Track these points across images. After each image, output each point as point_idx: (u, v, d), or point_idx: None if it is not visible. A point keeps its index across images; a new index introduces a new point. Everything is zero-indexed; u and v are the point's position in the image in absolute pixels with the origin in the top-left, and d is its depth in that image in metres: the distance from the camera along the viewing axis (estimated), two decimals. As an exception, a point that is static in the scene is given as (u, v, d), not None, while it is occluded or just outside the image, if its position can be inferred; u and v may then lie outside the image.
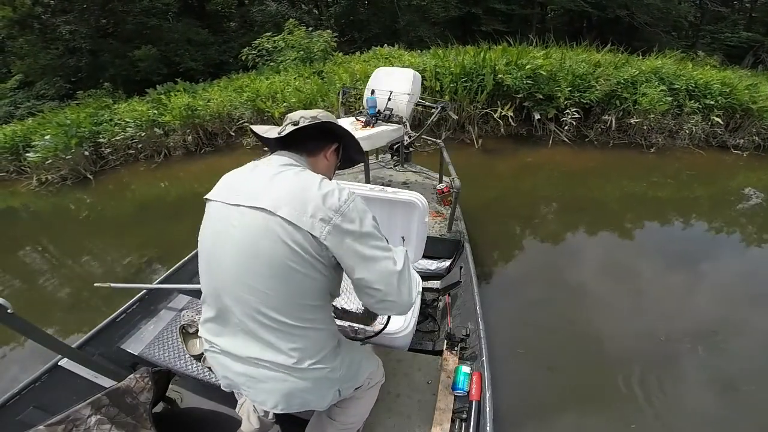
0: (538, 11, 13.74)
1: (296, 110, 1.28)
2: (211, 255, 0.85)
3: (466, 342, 1.45)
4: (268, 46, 7.22)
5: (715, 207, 3.83)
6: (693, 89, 4.85)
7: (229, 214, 0.82)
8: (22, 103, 9.33)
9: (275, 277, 0.77)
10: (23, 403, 1.23)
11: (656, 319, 2.28)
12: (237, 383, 0.88)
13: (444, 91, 4.62)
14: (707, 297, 2.54)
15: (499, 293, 2.51)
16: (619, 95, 4.64)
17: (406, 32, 10.89)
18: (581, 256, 3.00)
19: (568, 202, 3.75)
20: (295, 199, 0.77)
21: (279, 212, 0.75)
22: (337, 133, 0.98)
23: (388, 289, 0.79)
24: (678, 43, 11.61)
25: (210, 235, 0.86)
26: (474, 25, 11.89)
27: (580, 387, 1.87)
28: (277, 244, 0.76)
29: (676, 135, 4.87)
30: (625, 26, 12.55)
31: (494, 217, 3.42)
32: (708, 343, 2.12)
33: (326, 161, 0.98)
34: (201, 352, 1.47)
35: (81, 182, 5.25)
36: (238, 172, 0.90)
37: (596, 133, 4.85)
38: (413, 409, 1.23)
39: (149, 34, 8.27)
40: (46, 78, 8.27)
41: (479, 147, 4.66)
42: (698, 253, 3.04)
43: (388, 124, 2.45)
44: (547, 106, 4.70)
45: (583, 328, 2.21)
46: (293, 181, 0.81)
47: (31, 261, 3.59)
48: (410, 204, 1.54)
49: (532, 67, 4.60)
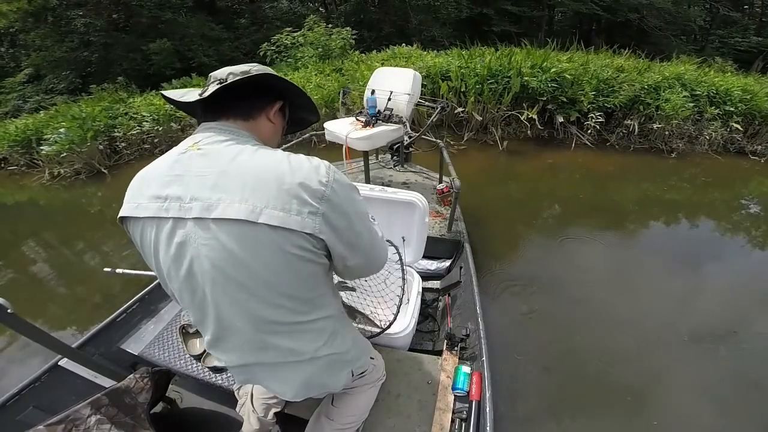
0: (548, 13, 13.74)
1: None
2: (187, 291, 0.69)
3: (466, 342, 1.44)
4: (286, 42, 7.19)
5: (730, 211, 3.84)
6: (714, 95, 4.88)
7: (186, 233, 0.63)
8: (31, 97, 9.27)
9: (279, 289, 0.67)
10: (23, 403, 1.23)
11: (665, 319, 2.27)
12: (253, 379, 0.84)
13: (469, 92, 4.62)
14: (722, 298, 2.52)
15: (499, 293, 2.49)
16: (642, 100, 4.66)
17: (419, 32, 10.87)
18: (596, 257, 2.97)
19: (591, 204, 3.77)
20: (270, 194, 0.61)
21: (260, 219, 0.61)
22: (279, 88, 0.79)
23: (372, 264, 0.79)
24: (687, 47, 11.65)
25: (172, 268, 0.67)
26: (485, 27, 11.88)
27: (581, 387, 1.87)
28: (275, 257, 0.64)
29: (696, 140, 4.89)
30: (634, 29, 12.59)
31: (521, 217, 3.45)
32: (729, 342, 2.12)
33: (271, 124, 0.79)
34: (201, 352, 1.48)
35: (95, 176, 5.23)
36: (160, 169, 0.67)
37: (617, 138, 4.86)
38: (413, 409, 1.22)
39: (163, 28, 8.24)
40: (59, 71, 8.22)
41: (503, 149, 4.67)
42: (708, 254, 3.04)
43: (388, 124, 2.45)
44: (570, 109, 4.71)
45: (589, 328, 2.19)
46: (255, 169, 0.63)
47: (52, 257, 3.56)
48: (410, 204, 1.54)
49: (557, 71, 4.60)
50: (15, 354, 2.25)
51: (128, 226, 0.70)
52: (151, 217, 0.65)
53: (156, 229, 0.65)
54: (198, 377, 1.41)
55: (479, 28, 11.85)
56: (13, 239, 3.96)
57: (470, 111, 4.66)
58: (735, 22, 12.50)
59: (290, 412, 1.17)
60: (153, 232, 0.66)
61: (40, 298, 2.87)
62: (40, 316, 2.64)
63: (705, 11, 12.95)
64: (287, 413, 1.16)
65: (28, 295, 2.96)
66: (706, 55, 9.00)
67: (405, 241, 1.61)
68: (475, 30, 11.80)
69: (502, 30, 11.22)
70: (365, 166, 2.52)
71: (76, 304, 2.77)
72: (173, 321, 1.63)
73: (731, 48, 11.48)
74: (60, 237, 3.94)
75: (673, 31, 12.47)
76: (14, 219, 4.57)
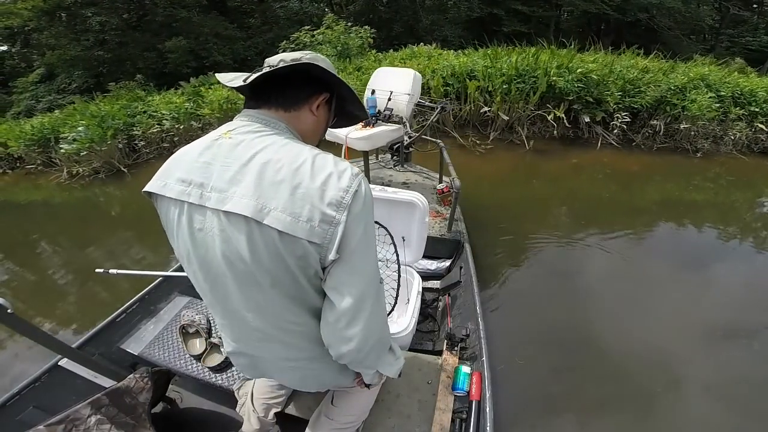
0: (557, 13, 13.75)
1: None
2: (201, 274, 0.68)
3: (466, 342, 1.44)
4: (305, 40, 7.18)
5: (750, 210, 3.85)
6: (738, 96, 4.89)
7: (204, 221, 0.63)
8: (43, 97, 9.29)
9: (283, 289, 0.65)
10: (23, 403, 1.23)
11: (673, 322, 2.24)
12: (257, 370, 0.84)
13: (495, 91, 4.63)
14: (730, 298, 2.48)
15: (500, 293, 2.48)
16: (668, 101, 4.66)
17: (431, 32, 10.86)
18: (618, 256, 2.92)
19: (616, 204, 3.77)
20: (284, 196, 0.58)
21: (266, 221, 0.58)
22: (327, 81, 0.75)
23: (354, 318, 0.65)
24: (697, 47, 11.67)
25: (191, 252, 0.67)
26: (495, 27, 11.89)
27: (582, 388, 1.86)
28: (276, 263, 0.61)
29: (720, 141, 4.90)
30: (642, 29, 12.59)
31: (551, 217, 3.44)
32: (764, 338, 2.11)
33: (313, 117, 0.75)
34: (201, 352, 1.48)
35: (114, 175, 5.21)
36: (192, 153, 0.66)
37: (643, 137, 4.86)
38: (413, 409, 1.22)
39: (177, 26, 8.24)
40: (72, 70, 8.24)
41: (530, 148, 4.68)
42: (716, 256, 3.02)
43: (388, 124, 2.44)
44: (596, 109, 4.71)
45: (595, 328, 2.18)
46: (275, 166, 0.60)
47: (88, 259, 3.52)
48: (410, 204, 1.55)
49: (583, 71, 4.61)
50: (15, 354, 2.23)
51: (156, 200, 0.69)
52: (175, 198, 0.64)
53: (178, 211, 0.65)
54: (198, 377, 1.41)
55: (488, 29, 11.86)
56: (23, 239, 3.93)
57: (497, 110, 4.66)
58: (745, 21, 12.52)
59: (290, 412, 1.18)
60: (176, 213, 0.65)
61: (48, 298, 2.80)
62: (47, 315, 2.59)
63: (714, 10, 12.95)
64: (287, 413, 1.17)
65: (35, 295, 2.91)
66: (716, 55, 9.02)
67: (405, 241, 1.62)
68: (483, 30, 11.83)
69: (511, 30, 11.22)
70: (365, 166, 2.50)
71: (85, 304, 2.73)
72: (173, 321, 1.63)
73: (742, 47, 11.52)
74: (79, 237, 3.89)
75: (682, 31, 12.49)
76: (32, 218, 4.55)
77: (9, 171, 6.33)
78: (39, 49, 8.83)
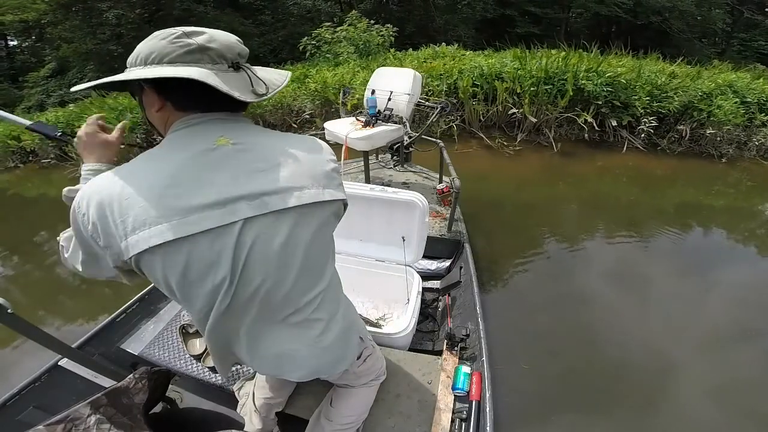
0: (568, 15, 13.72)
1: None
2: (246, 290, 0.65)
3: (466, 342, 1.44)
4: (327, 37, 7.14)
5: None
6: (764, 102, 4.89)
7: (256, 231, 0.62)
8: (54, 91, 9.25)
9: (314, 259, 0.72)
10: (23, 403, 1.22)
11: (673, 328, 2.22)
12: (273, 370, 0.83)
13: (524, 93, 4.62)
14: (737, 303, 2.43)
15: (501, 293, 2.48)
16: (695, 106, 4.67)
17: (444, 32, 10.82)
18: (637, 258, 2.93)
19: (643, 206, 3.77)
20: (320, 173, 0.70)
21: (325, 197, 0.69)
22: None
23: None
24: (708, 50, 11.68)
25: (240, 272, 0.62)
26: (507, 28, 11.87)
27: (583, 388, 1.85)
28: (325, 230, 0.73)
29: (744, 146, 4.91)
30: (653, 32, 12.58)
31: (570, 219, 3.45)
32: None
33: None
34: (201, 352, 1.47)
35: (134, 169, 5.21)
36: (182, 176, 0.58)
37: (668, 142, 4.87)
38: (413, 409, 1.21)
39: (194, 21, 8.15)
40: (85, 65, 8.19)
41: (557, 150, 4.68)
42: (731, 261, 2.98)
43: (388, 124, 2.44)
44: (623, 113, 4.71)
45: (598, 330, 2.17)
46: (300, 152, 0.69)
47: None
48: (410, 204, 1.55)
49: (612, 75, 4.60)
50: (15, 354, 2.20)
51: (158, 256, 0.57)
52: (213, 228, 0.57)
53: (219, 238, 0.58)
54: (198, 377, 1.41)
55: (500, 30, 11.84)
56: (29, 236, 3.87)
57: (526, 112, 4.66)
58: (757, 24, 12.50)
59: (290, 412, 1.18)
60: (211, 242, 0.58)
61: (51, 296, 2.77)
62: (49, 313, 2.57)
63: (727, 14, 12.93)
64: (287, 413, 1.17)
65: (37, 293, 2.86)
66: (727, 59, 9.01)
67: (405, 241, 1.62)
68: (495, 31, 11.81)
69: (525, 32, 11.20)
70: (365, 166, 2.50)
71: (86, 303, 2.70)
72: (173, 321, 1.63)
73: (754, 51, 11.51)
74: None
75: (694, 34, 12.48)
76: (42, 213, 4.52)
77: (21, 165, 6.31)
78: (52, 43, 8.77)
